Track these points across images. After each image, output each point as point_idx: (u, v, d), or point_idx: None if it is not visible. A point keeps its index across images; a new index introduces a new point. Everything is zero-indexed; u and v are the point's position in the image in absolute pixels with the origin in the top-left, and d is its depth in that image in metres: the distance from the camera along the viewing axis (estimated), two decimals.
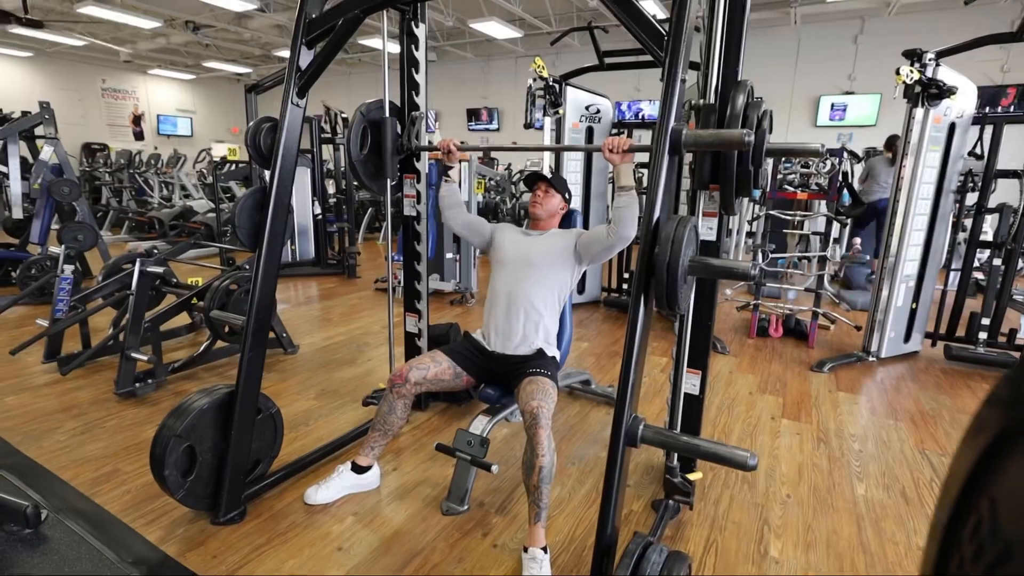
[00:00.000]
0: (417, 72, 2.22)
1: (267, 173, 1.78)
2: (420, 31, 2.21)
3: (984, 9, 6.81)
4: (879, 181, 5.18)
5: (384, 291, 4.97)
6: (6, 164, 4.24)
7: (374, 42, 9.57)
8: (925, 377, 3.17)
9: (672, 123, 1.12)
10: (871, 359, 3.32)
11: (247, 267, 3.03)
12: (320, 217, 5.89)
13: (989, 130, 3.31)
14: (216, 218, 5.93)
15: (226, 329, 2.88)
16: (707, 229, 1.71)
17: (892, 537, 1.79)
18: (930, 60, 2.82)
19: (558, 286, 1.98)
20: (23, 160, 4.37)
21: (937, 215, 3.19)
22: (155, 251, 3.11)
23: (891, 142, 5.19)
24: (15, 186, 4.24)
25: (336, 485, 1.90)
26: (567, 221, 2.19)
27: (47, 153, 4.23)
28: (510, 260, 2.02)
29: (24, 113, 4.46)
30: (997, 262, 3.26)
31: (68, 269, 3.07)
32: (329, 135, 6.04)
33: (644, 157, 1.24)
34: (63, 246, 3.17)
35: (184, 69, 13.33)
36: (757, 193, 4.71)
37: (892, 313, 3.26)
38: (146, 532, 1.71)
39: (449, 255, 4.73)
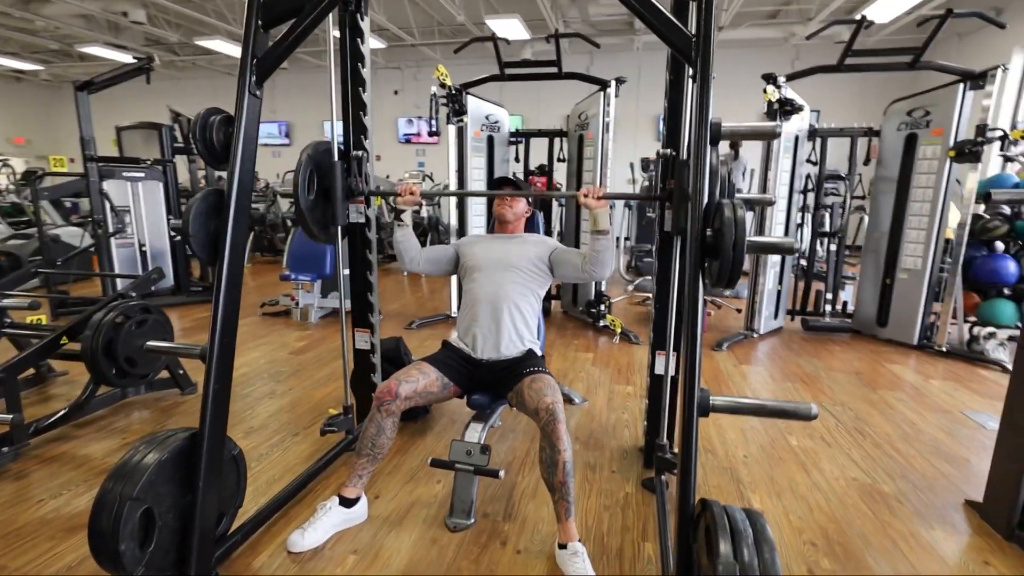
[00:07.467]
0: (364, 67, 2.08)
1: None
2: (365, 24, 2.07)
3: (784, 54, 8.48)
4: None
5: (274, 315, 4.47)
6: None
7: (211, 43, 8.52)
8: (795, 345, 3.79)
9: (710, 116, 1.23)
10: (754, 335, 3.89)
11: (132, 295, 2.52)
12: (177, 238, 5.10)
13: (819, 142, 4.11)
14: (42, 245, 4.75)
15: (113, 371, 2.35)
16: None
17: (831, 474, 2.12)
18: (783, 83, 3.42)
19: (536, 287, 2.00)
20: None
21: (791, 210, 3.87)
22: None
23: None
24: None
25: (324, 524, 1.68)
26: (530, 224, 2.23)
27: None
28: (486, 265, 1.99)
29: None
30: (833, 248, 4.05)
31: None
32: (182, 144, 5.27)
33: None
34: None
35: None
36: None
37: (766, 296, 3.86)
38: None
39: (347, 271, 4.42)
